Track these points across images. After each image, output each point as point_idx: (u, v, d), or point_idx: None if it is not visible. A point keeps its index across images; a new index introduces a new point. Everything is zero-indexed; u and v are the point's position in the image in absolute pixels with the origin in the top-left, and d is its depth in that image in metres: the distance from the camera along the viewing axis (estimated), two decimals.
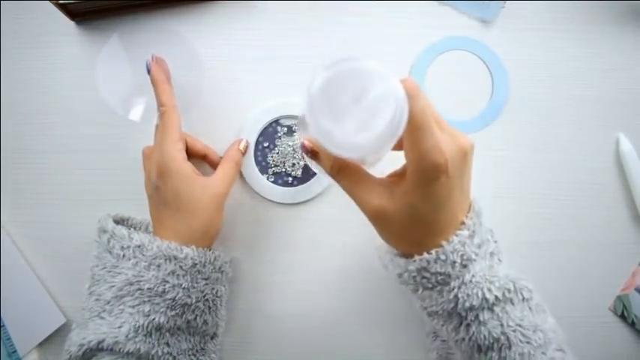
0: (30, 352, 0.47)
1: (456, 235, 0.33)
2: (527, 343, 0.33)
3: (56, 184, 0.49)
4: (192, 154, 0.46)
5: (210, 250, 0.42)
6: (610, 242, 0.49)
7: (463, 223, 0.34)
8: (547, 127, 0.49)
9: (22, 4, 0.49)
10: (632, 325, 0.49)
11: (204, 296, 0.41)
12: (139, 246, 0.39)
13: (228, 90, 0.49)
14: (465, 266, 0.33)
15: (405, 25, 0.49)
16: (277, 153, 0.49)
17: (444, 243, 0.33)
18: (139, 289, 0.38)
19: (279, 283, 0.49)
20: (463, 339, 0.34)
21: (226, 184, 0.43)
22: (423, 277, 0.34)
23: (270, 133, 0.49)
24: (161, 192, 0.40)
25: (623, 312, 0.49)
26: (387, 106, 0.27)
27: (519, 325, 0.33)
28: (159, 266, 0.38)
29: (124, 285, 0.38)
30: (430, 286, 0.34)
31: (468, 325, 0.33)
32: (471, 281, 0.33)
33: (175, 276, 0.38)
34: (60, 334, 0.48)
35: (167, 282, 0.38)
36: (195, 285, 0.40)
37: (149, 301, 0.38)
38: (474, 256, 0.33)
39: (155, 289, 0.38)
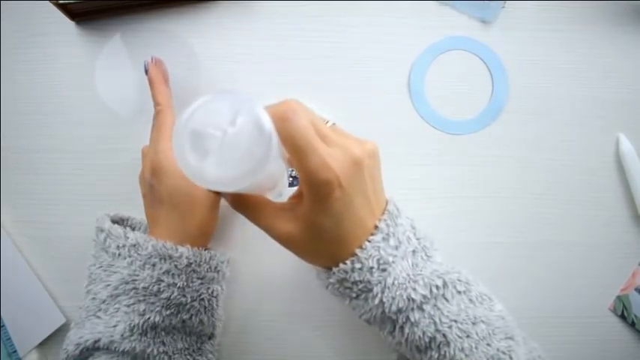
0: (30, 352, 0.47)
1: (369, 241, 0.32)
2: (467, 337, 0.32)
3: (56, 184, 0.49)
4: None
5: (205, 249, 0.42)
6: (610, 242, 0.49)
7: (376, 227, 0.33)
8: (547, 127, 0.49)
9: (22, 4, 0.49)
10: (632, 325, 0.49)
11: (200, 296, 0.40)
12: (135, 245, 0.39)
13: (228, 89, 0.49)
14: (384, 270, 0.32)
15: (405, 25, 0.49)
16: None
17: (357, 251, 0.32)
18: (134, 288, 0.38)
19: (278, 282, 0.49)
20: (400, 342, 0.34)
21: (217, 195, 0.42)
22: (346, 288, 0.33)
23: None
24: (155, 190, 0.40)
25: (623, 312, 0.49)
26: (248, 138, 0.26)
27: (455, 321, 0.33)
28: (154, 265, 0.38)
29: (119, 284, 0.38)
30: (354, 295, 0.34)
31: (402, 327, 0.33)
32: (393, 284, 0.32)
33: (170, 275, 0.38)
34: (60, 334, 0.48)
35: (162, 281, 0.38)
36: (191, 284, 0.40)
37: (144, 300, 0.38)
38: (391, 259, 0.33)
39: (150, 288, 0.38)
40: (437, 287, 0.33)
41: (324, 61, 0.49)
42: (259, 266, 0.49)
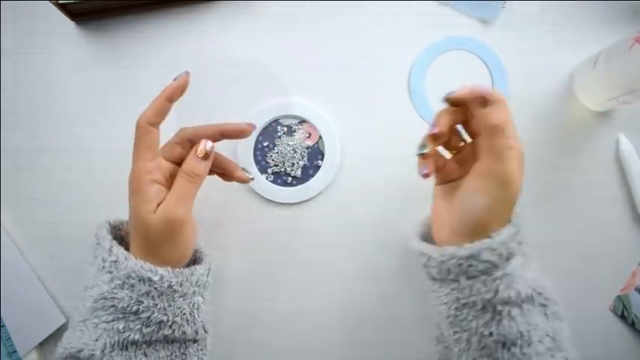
0: (30, 352, 0.47)
1: (506, 229, 0.35)
2: (540, 342, 0.35)
3: (56, 184, 0.49)
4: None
5: (186, 266, 0.40)
6: (610, 242, 0.49)
7: (510, 220, 0.37)
8: (546, 127, 0.49)
9: (22, 4, 0.49)
10: (632, 325, 0.49)
11: (182, 311, 0.39)
12: (115, 262, 0.37)
13: (228, 90, 0.49)
14: (507, 259, 0.35)
15: (405, 25, 0.50)
16: (277, 153, 0.49)
17: (493, 235, 0.35)
18: (113, 306, 0.37)
19: (277, 282, 0.49)
20: (491, 333, 0.35)
21: (182, 206, 0.37)
22: (470, 266, 0.35)
23: (269, 133, 0.49)
24: (130, 212, 0.39)
25: (623, 312, 0.49)
26: None
27: (537, 325, 0.35)
28: (132, 286, 0.36)
29: (99, 298, 0.37)
30: (475, 274, 0.35)
31: (500, 319, 0.35)
32: (509, 274, 0.35)
33: (150, 297, 0.37)
34: (60, 334, 0.48)
35: (142, 302, 0.37)
36: (172, 303, 0.38)
37: (124, 318, 0.37)
38: (515, 252, 0.36)
39: (129, 308, 0.36)
40: (534, 291, 0.36)
41: (324, 61, 0.49)
42: (258, 266, 0.49)
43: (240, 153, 0.49)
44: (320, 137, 0.49)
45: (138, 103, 0.49)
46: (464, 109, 0.39)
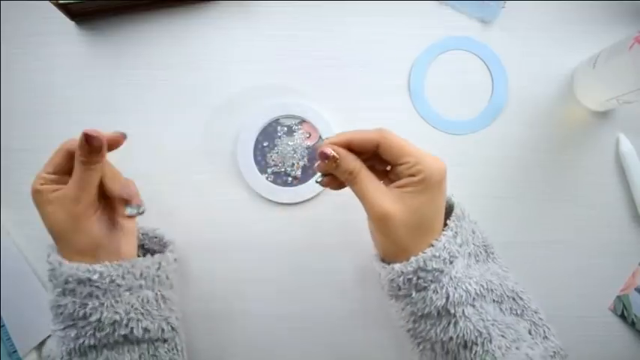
0: (30, 352, 0.47)
1: (444, 235, 0.36)
2: (502, 337, 0.36)
3: None
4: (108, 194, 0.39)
5: (125, 258, 0.39)
6: (610, 242, 0.49)
7: (446, 225, 0.37)
8: (547, 127, 0.49)
9: (21, 4, 0.49)
10: (632, 325, 0.49)
11: (133, 306, 0.37)
12: (53, 269, 0.36)
13: (227, 89, 0.49)
14: (451, 262, 0.36)
15: (405, 25, 0.49)
16: (277, 153, 0.49)
17: (434, 242, 0.35)
18: (61, 314, 0.36)
19: (277, 283, 0.49)
20: (451, 338, 0.36)
21: (79, 188, 0.36)
22: (419, 278, 0.35)
23: (269, 133, 0.49)
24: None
25: (623, 312, 0.49)
26: None
27: (495, 320, 0.36)
28: (73, 290, 0.36)
29: (51, 306, 0.37)
30: (425, 285, 0.35)
31: (456, 322, 0.35)
32: (456, 276, 0.35)
33: (95, 297, 0.36)
34: None
35: (86, 304, 0.36)
36: (119, 299, 0.37)
37: (74, 324, 0.36)
38: (457, 254, 0.36)
39: (76, 314, 0.36)
40: (483, 288, 0.37)
41: (324, 62, 0.49)
42: (258, 266, 0.49)
43: (240, 153, 0.49)
44: (320, 137, 0.49)
45: (138, 103, 0.49)
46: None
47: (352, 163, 0.36)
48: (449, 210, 0.39)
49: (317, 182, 0.38)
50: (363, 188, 0.36)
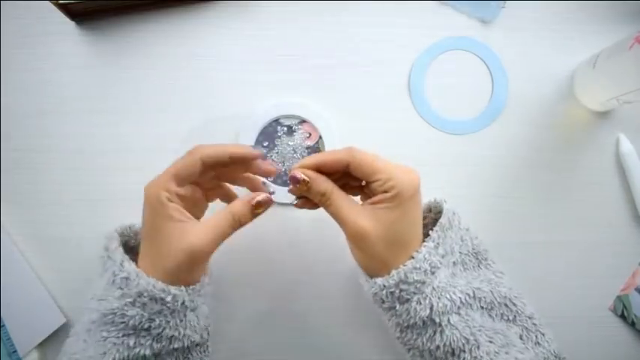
0: (30, 352, 0.47)
1: (424, 246, 0.36)
2: (491, 342, 0.36)
3: (56, 184, 0.49)
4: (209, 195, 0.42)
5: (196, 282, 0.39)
6: (610, 242, 0.49)
7: (428, 235, 0.37)
8: (546, 127, 0.49)
9: (22, 4, 0.49)
10: (632, 325, 0.49)
11: (191, 323, 0.38)
12: (127, 278, 0.36)
13: (228, 90, 0.49)
14: (433, 273, 0.36)
15: (405, 25, 0.50)
16: (277, 153, 0.49)
17: (414, 254, 0.35)
18: (124, 322, 0.36)
19: (276, 283, 0.49)
20: (438, 347, 0.36)
21: (210, 238, 0.35)
22: (401, 290, 0.35)
23: (270, 133, 0.49)
24: (143, 221, 0.37)
25: (623, 312, 0.49)
26: None
27: (482, 326, 0.37)
28: (144, 304, 0.35)
29: (109, 313, 0.36)
30: (408, 297, 0.35)
31: (442, 330, 0.36)
32: (439, 286, 0.35)
33: (163, 315, 0.36)
34: (60, 334, 0.48)
35: (153, 320, 0.36)
36: (184, 318, 0.37)
37: (134, 334, 0.36)
38: (439, 265, 0.36)
39: (140, 325, 0.36)
40: (469, 295, 0.37)
41: (324, 61, 0.49)
42: (258, 266, 0.49)
43: None
44: (320, 137, 0.49)
45: (138, 103, 0.49)
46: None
47: (323, 184, 0.36)
48: (438, 217, 0.39)
49: (294, 205, 0.39)
50: (337, 208, 0.36)
